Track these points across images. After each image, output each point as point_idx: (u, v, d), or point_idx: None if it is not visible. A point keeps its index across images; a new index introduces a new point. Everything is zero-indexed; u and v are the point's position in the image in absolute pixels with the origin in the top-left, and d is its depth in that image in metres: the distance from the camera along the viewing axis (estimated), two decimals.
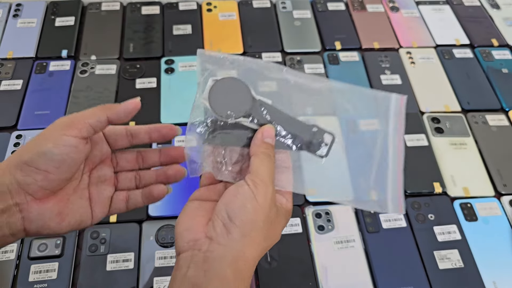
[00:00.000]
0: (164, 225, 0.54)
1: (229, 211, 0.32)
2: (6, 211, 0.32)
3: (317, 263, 0.52)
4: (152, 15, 0.78)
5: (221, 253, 0.31)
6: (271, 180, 0.33)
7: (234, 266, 0.31)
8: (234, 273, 0.30)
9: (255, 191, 0.32)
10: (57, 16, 0.77)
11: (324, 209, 0.56)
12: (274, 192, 0.33)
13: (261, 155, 0.33)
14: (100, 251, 0.52)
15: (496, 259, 0.54)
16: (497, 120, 0.67)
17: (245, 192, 0.32)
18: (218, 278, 0.30)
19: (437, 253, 0.54)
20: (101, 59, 0.71)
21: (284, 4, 0.81)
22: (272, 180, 0.33)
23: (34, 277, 0.50)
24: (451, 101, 0.69)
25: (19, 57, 0.71)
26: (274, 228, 0.33)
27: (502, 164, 0.62)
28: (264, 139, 0.34)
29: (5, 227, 0.32)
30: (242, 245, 0.31)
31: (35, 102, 0.65)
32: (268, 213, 0.32)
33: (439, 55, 0.75)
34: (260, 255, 0.33)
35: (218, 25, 0.77)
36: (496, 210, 0.58)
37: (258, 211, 0.31)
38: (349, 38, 0.77)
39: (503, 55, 0.76)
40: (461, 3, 0.85)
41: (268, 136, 0.34)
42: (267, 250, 0.33)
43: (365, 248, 0.54)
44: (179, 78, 0.69)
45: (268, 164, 0.33)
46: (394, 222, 0.56)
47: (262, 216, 0.32)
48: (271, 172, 0.33)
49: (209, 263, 0.30)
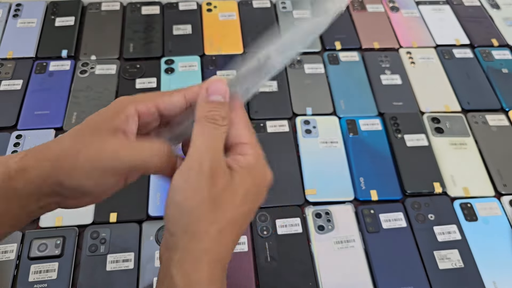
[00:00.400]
0: (164, 225, 0.54)
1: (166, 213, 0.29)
2: (44, 207, 0.30)
3: (317, 263, 0.52)
4: (152, 15, 0.78)
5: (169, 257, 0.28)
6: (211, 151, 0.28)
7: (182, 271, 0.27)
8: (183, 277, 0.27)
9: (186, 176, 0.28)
10: (57, 16, 0.77)
11: (324, 209, 0.56)
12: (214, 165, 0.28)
13: (202, 120, 0.29)
14: (100, 251, 0.52)
15: (496, 259, 0.54)
16: (497, 120, 0.67)
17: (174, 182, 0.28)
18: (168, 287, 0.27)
19: (437, 253, 0.54)
20: (101, 59, 0.71)
21: (284, 4, 0.81)
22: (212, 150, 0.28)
23: (34, 277, 0.50)
24: (451, 101, 0.69)
25: (19, 57, 0.71)
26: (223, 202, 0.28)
27: (502, 164, 0.62)
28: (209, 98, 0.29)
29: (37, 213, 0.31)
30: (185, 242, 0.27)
31: (35, 102, 0.65)
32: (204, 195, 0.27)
33: (439, 55, 0.75)
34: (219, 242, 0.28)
35: (218, 25, 0.77)
36: (496, 210, 0.58)
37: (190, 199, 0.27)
38: (349, 38, 0.77)
39: (503, 55, 0.76)
40: (461, 3, 0.85)
41: (214, 92, 0.29)
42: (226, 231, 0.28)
43: (365, 248, 0.54)
44: (179, 78, 0.69)
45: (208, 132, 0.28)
46: (394, 222, 0.56)
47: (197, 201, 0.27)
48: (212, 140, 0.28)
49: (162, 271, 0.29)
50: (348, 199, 0.58)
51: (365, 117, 0.66)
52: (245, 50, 0.74)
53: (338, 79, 0.71)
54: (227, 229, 0.28)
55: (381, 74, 0.72)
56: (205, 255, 0.27)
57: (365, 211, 0.56)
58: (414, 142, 0.64)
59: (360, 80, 0.71)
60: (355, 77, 0.71)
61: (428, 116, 0.67)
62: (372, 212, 0.56)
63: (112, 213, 0.55)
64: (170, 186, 0.28)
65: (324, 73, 0.72)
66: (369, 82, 0.71)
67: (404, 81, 0.71)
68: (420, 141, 0.64)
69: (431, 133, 0.65)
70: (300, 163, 0.61)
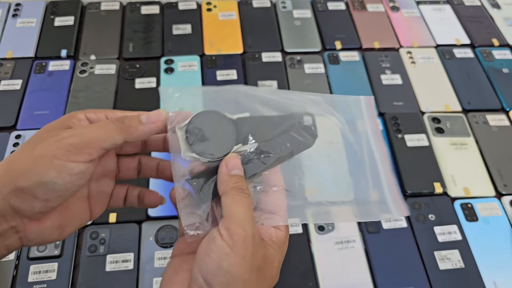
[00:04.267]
0: (163, 225, 0.54)
1: (205, 276, 0.27)
2: (2, 235, 0.28)
3: (317, 264, 0.52)
4: (151, 14, 0.78)
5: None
6: (249, 220, 0.28)
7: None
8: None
9: (231, 243, 0.27)
10: (57, 15, 0.77)
11: None
12: (255, 233, 0.28)
13: (231, 192, 0.29)
14: (100, 251, 0.52)
15: (497, 259, 0.54)
16: (498, 120, 0.67)
17: (218, 248, 0.27)
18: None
19: (437, 254, 0.54)
20: (101, 59, 0.71)
21: (284, 4, 0.81)
22: (250, 219, 0.28)
23: (33, 278, 0.50)
24: (452, 101, 0.69)
25: (19, 57, 0.71)
26: (265, 273, 0.28)
27: (503, 164, 0.62)
28: (231, 172, 0.29)
29: (2, 247, 0.29)
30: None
31: (35, 102, 0.65)
32: (252, 263, 0.27)
33: (440, 55, 0.75)
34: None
35: (218, 24, 0.77)
36: (497, 210, 0.58)
37: (239, 266, 0.26)
38: (349, 38, 0.76)
39: (504, 55, 0.76)
40: (462, 2, 0.84)
41: (234, 167, 0.29)
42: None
43: (365, 249, 0.54)
44: (179, 78, 0.69)
45: (241, 201, 0.28)
46: (394, 223, 0.56)
47: (245, 268, 0.27)
48: (248, 209, 0.28)
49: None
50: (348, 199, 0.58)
51: None
52: (245, 50, 0.74)
53: (338, 79, 0.71)
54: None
55: (382, 74, 0.72)
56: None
57: None
58: (415, 142, 0.64)
59: (361, 80, 0.71)
60: (356, 77, 0.71)
61: (429, 116, 0.67)
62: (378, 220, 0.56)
63: (111, 213, 0.55)
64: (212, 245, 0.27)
65: (324, 73, 0.71)
66: (369, 82, 0.71)
67: (405, 81, 0.71)
68: (421, 141, 0.64)
69: (432, 133, 0.65)
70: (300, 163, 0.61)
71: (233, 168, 0.29)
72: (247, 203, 0.28)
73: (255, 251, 0.27)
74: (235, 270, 0.26)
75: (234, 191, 0.29)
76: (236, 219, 0.27)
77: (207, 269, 0.27)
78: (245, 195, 0.29)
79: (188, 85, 0.68)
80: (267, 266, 0.28)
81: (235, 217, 0.28)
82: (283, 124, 0.32)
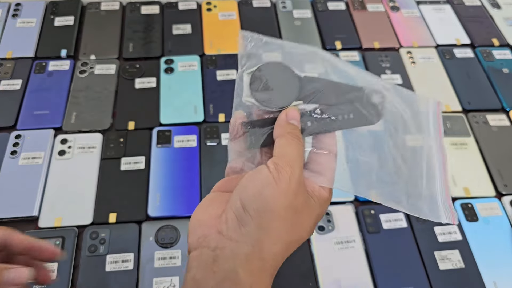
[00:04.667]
0: (163, 225, 0.54)
1: (243, 200, 0.27)
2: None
3: (317, 264, 0.52)
4: (151, 14, 0.78)
5: (233, 250, 0.27)
6: (299, 163, 0.28)
7: (248, 266, 0.26)
8: (248, 274, 0.26)
9: (276, 175, 0.27)
10: (57, 15, 0.77)
11: None
12: (301, 176, 0.28)
13: (287, 135, 0.29)
14: (100, 251, 0.52)
15: (497, 259, 0.54)
16: (498, 120, 0.67)
17: (263, 176, 0.27)
18: (229, 280, 0.26)
19: (437, 254, 0.54)
20: (101, 59, 0.71)
21: (284, 4, 0.81)
22: (300, 163, 0.28)
23: None
24: (452, 101, 0.69)
25: (19, 57, 0.71)
26: (301, 219, 0.28)
27: (503, 164, 0.62)
28: (289, 121, 0.30)
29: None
30: (258, 239, 0.27)
31: (35, 102, 0.65)
32: (292, 201, 0.27)
33: (440, 55, 0.75)
34: (285, 252, 0.28)
35: (218, 24, 0.77)
36: (497, 210, 0.58)
37: (278, 198, 0.27)
38: (349, 38, 0.76)
39: (504, 55, 0.76)
40: (462, 2, 0.84)
41: (292, 118, 0.30)
42: (294, 246, 0.29)
43: (365, 249, 0.54)
44: (179, 78, 0.69)
45: (295, 145, 0.29)
46: (394, 223, 0.56)
47: (284, 203, 0.27)
48: (299, 154, 0.29)
49: (218, 263, 0.26)
50: (349, 199, 0.58)
51: None
52: None
53: (339, 79, 0.70)
54: (294, 243, 0.29)
55: (382, 73, 0.72)
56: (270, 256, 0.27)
57: (365, 211, 0.56)
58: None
59: None
60: None
61: None
62: (372, 213, 0.56)
63: (111, 214, 0.55)
64: (257, 174, 0.28)
65: None
66: None
67: (405, 80, 0.71)
68: None
69: None
70: None
71: (292, 118, 0.30)
72: (299, 149, 0.29)
73: (297, 192, 0.28)
74: (273, 201, 0.27)
75: (289, 135, 0.29)
76: (286, 157, 0.28)
77: (247, 194, 0.27)
78: (299, 141, 0.29)
79: (188, 85, 0.68)
80: (305, 212, 0.29)
81: (286, 156, 0.28)
82: (350, 93, 0.32)
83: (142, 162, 0.59)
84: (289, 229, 0.28)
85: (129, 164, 0.59)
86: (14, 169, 0.58)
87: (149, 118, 0.64)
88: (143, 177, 0.58)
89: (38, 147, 0.60)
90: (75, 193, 0.57)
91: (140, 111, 0.65)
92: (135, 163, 0.59)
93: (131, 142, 0.61)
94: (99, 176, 0.58)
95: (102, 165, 0.59)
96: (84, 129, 0.63)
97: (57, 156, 0.60)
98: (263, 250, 0.27)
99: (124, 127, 0.63)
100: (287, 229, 0.28)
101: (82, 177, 0.58)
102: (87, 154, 0.60)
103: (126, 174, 0.58)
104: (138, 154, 0.60)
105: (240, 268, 0.26)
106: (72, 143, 0.61)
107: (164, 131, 0.62)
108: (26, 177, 0.57)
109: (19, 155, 0.59)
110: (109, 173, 0.59)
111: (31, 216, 0.54)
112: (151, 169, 0.59)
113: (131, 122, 0.64)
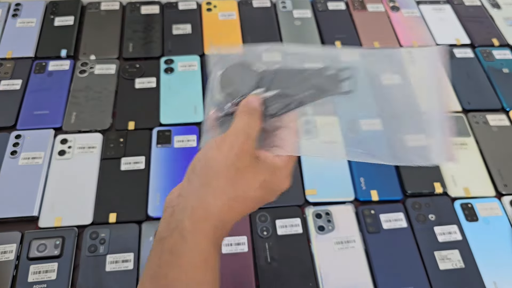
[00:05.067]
0: None
1: (193, 164, 0.33)
2: None
3: (317, 264, 0.52)
4: (151, 14, 0.78)
5: (183, 204, 0.32)
6: (245, 132, 0.32)
7: (192, 217, 0.31)
8: (191, 222, 0.31)
9: (219, 141, 0.32)
10: (57, 15, 0.77)
11: (324, 210, 0.56)
12: (247, 143, 0.32)
13: (239, 113, 0.34)
14: (100, 251, 0.52)
15: (497, 259, 0.54)
16: (498, 120, 0.67)
17: (209, 144, 0.33)
18: (177, 229, 0.31)
19: (437, 254, 0.54)
20: (101, 59, 0.71)
21: (284, 4, 0.81)
22: (247, 132, 0.33)
23: (33, 278, 0.50)
24: (452, 101, 0.69)
25: (19, 57, 0.71)
26: (244, 178, 0.32)
27: (503, 164, 0.62)
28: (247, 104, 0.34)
29: None
30: (202, 194, 0.31)
31: (34, 102, 0.65)
32: (234, 161, 0.32)
33: None
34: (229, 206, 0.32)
35: (218, 24, 0.77)
36: (497, 210, 0.58)
37: (220, 159, 0.32)
38: (349, 38, 0.76)
39: (504, 55, 0.76)
40: (462, 2, 0.84)
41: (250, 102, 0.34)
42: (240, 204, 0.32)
43: (365, 249, 0.54)
44: (179, 77, 0.69)
45: (242, 119, 0.33)
46: (394, 223, 0.56)
47: (225, 163, 0.31)
48: (246, 125, 0.33)
49: (173, 216, 0.32)
50: (349, 199, 0.58)
51: None
52: None
53: None
54: (239, 200, 0.32)
55: None
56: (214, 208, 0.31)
57: (365, 211, 0.56)
58: None
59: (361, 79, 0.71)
60: None
61: None
62: (372, 213, 0.56)
63: (111, 214, 0.55)
64: (207, 143, 0.33)
65: None
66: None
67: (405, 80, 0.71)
68: None
69: None
70: (300, 163, 0.61)
71: (250, 102, 0.34)
72: (246, 122, 0.33)
73: (241, 154, 0.32)
74: (214, 161, 0.32)
75: (240, 113, 0.34)
76: (232, 129, 0.33)
77: (196, 158, 0.33)
78: (250, 116, 0.33)
79: (188, 85, 0.68)
80: (249, 172, 0.32)
81: (233, 128, 0.33)
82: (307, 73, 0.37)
83: (142, 162, 0.59)
84: (231, 185, 0.32)
85: (129, 164, 0.59)
86: (14, 169, 0.58)
87: (149, 118, 0.64)
88: (143, 177, 0.58)
89: (38, 147, 0.60)
90: (75, 193, 0.57)
91: (140, 111, 0.65)
92: (135, 163, 0.59)
93: (131, 142, 0.61)
94: (99, 176, 0.58)
95: (102, 165, 0.59)
96: (84, 129, 0.63)
97: (57, 156, 0.60)
98: (208, 202, 0.31)
99: (124, 127, 0.63)
100: (229, 185, 0.32)
101: (82, 177, 0.58)
102: (87, 154, 0.60)
103: (126, 174, 0.58)
104: (138, 154, 0.60)
105: (186, 218, 0.31)
106: (72, 143, 0.61)
107: (164, 131, 0.62)
108: (26, 177, 0.57)
109: (19, 155, 0.59)
110: (109, 173, 0.59)
111: (31, 216, 0.54)
112: (151, 169, 0.59)
113: (131, 122, 0.64)
